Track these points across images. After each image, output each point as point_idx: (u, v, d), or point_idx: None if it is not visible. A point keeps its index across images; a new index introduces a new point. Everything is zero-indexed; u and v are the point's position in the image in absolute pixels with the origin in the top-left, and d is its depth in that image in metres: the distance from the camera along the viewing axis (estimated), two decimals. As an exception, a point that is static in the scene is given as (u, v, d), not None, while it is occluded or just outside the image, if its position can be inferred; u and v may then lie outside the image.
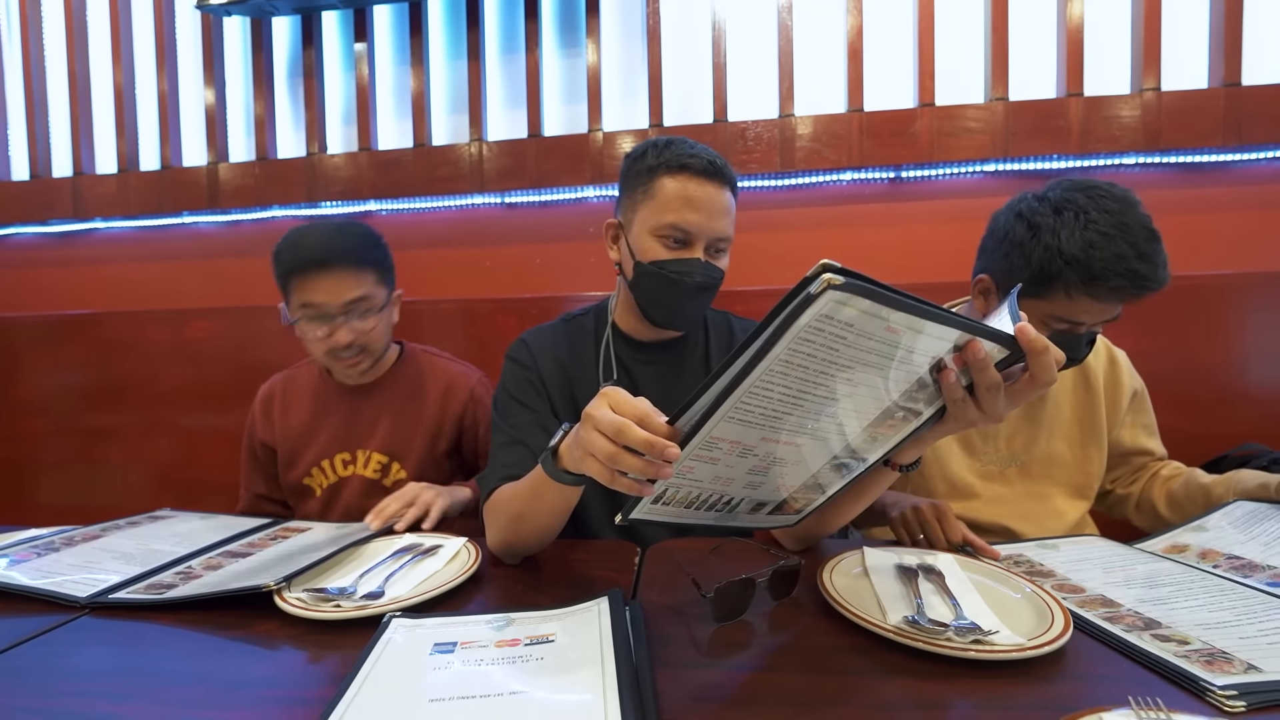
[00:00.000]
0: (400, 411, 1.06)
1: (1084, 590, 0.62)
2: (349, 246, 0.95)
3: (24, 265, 1.76)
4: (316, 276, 0.93)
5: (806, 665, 0.50)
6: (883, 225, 1.41)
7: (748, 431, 0.45)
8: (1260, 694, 0.44)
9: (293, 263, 0.94)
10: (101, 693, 0.49)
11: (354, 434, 1.05)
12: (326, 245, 0.93)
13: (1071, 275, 0.75)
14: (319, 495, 1.06)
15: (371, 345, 0.99)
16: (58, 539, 0.80)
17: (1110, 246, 0.73)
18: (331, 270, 0.93)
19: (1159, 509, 0.93)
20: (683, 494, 0.50)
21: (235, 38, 1.63)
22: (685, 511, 0.53)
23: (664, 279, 0.79)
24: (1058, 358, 0.49)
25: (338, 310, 0.93)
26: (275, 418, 1.09)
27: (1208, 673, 0.46)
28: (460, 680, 0.46)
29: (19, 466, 1.68)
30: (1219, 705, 0.42)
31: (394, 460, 1.05)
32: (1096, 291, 0.75)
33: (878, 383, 0.45)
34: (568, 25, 1.51)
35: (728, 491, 0.52)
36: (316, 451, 1.06)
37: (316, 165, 1.55)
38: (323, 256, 0.93)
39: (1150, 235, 0.74)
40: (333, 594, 0.61)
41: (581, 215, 1.50)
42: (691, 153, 0.78)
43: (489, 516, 0.74)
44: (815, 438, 0.49)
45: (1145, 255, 0.73)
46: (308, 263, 0.93)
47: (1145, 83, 1.27)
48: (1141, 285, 0.74)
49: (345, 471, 1.05)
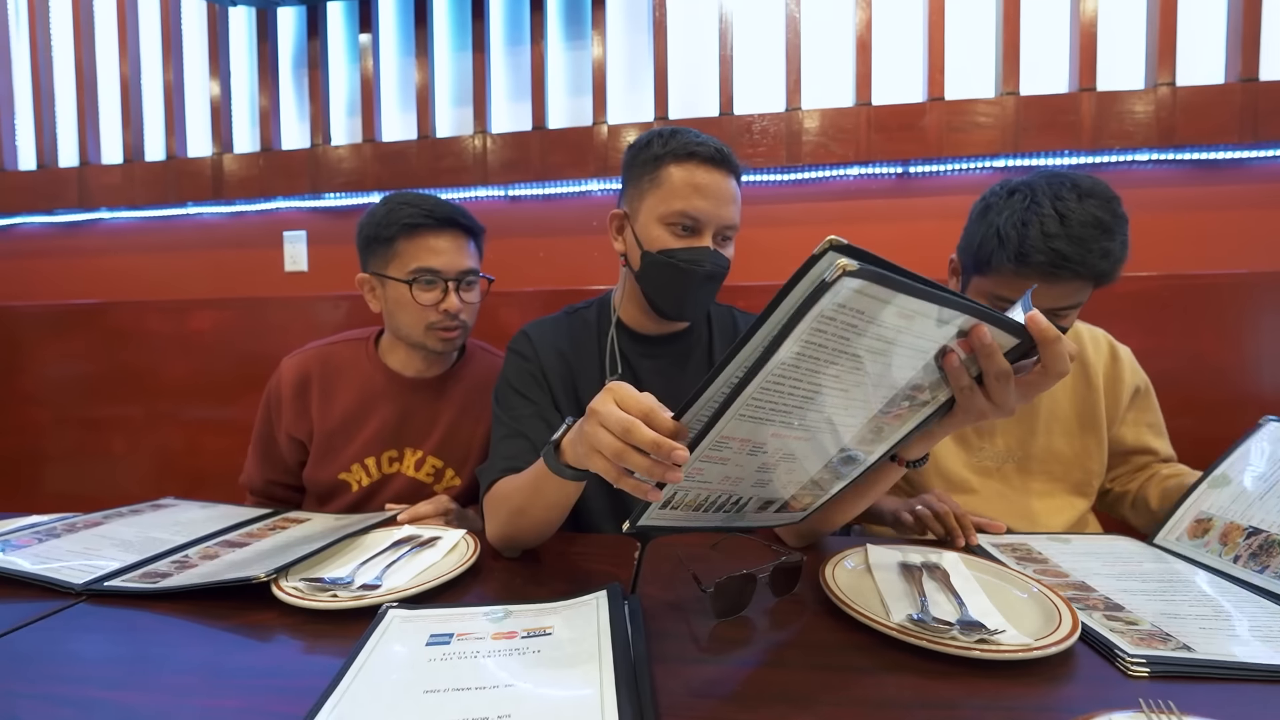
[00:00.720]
0: (461, 412, 0.99)
1: (1067, 576, 0.63)
2: (468, 217, 0.94)
3: (30, 255, 1.77)
4: (437, 237, 0.90)
5: (807, 662, 0.49)
6: (890, 221, 1.39)
7: (758, 428, 0.44)
8: (1168, 665, 0.46)
9: (417, 218, 0.89)
10: (97, 679, 0.49)
11: (406, 431, 0.97)
12: (451, 209, 0.92)
13: (1001, 253, 0.76)
14: (354, 492, 0.97)
15: (470, 321, 0.96)
16: (59, 525, 0.80)
17: (1040, 226, 0.73)
18: (454, 235, 0.92)
19: (1151, 505, 0.92)
20: (691, 497, 0.49)
21: (241, 29, 1.63)
22: (694, 515, 0.52)
23: (673, 268, 0.78)
24: (1071, 351, 0.48)
25: (454, 276, 0.91)
26: (313, 406, 0.98)
27: (1134, 646, 0.48)
28: (456, 672, 0.46)
29: (23, 456, 1.69)
30: (1124, 670, 0.46)
31: (449, 465, 0.98)
32: (1022, 270, 0.75)
33: (886, 370, 0.44)
34: (573, 17, 1.50)
35: (736, 491, 0.51)
36: (361, 446, 0.97)
37: (320, 157, 1.55)
38: (450, 216, 0.91)
39: (1097, 224, 0.73)
40: (330, 584, 0.60)
41: (586, 209, 1.49)
42: (698, 141, 0.78)
43: (489, 509, 0.74)
44: (824, 431, 0.48)
45: (1078, 239, 0.72)
46: (437, 221, 0.90)
47: (1160, 78, 1.24)
48: (1062, 265, 0.73)
49: (390, 469, 0.98)
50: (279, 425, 1.00)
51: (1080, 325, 0.95)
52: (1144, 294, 1.22)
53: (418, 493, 0.97)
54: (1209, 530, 0.69)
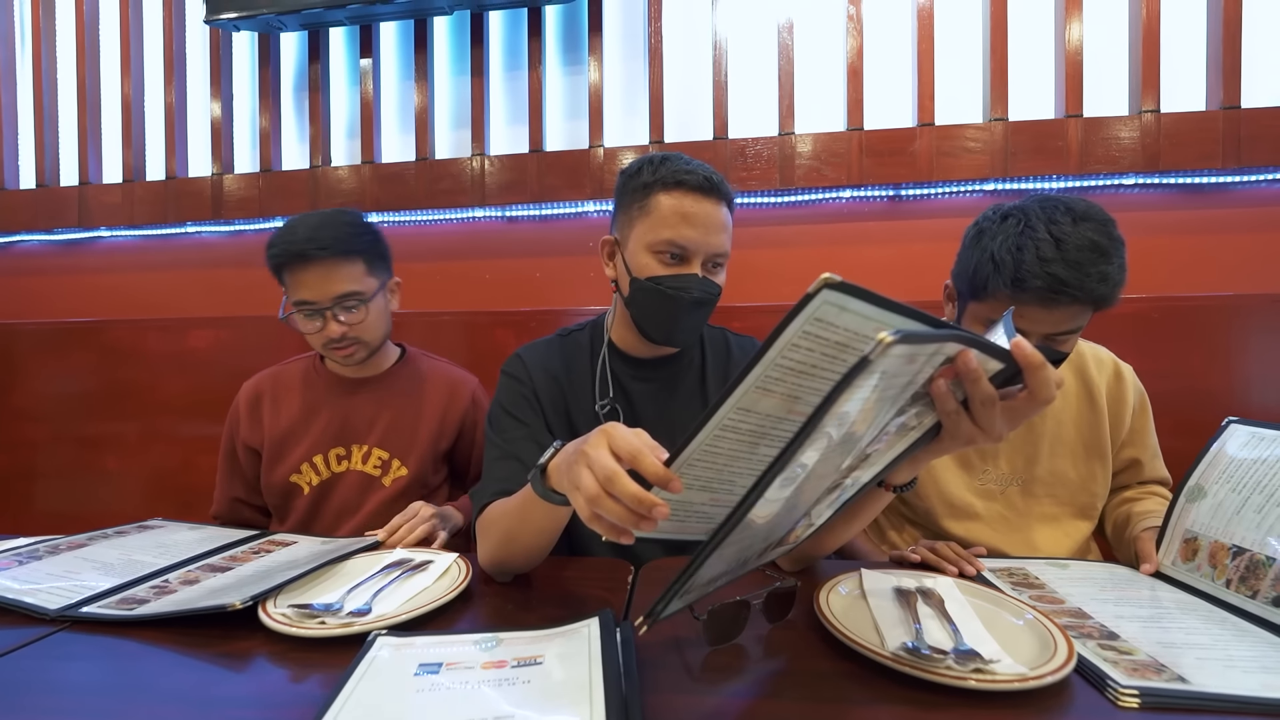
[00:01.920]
0: (402, 408, 1.04)
1: (1063, 603, 0.63)
2: (334, 237, 0.92)
3: (29, 273, 1.77)
4: (304, 269, 0.92)
5: (801, 693, 0.49)
6: (882, 243, 1.41)
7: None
8: (1161, 697, 0.45)
9: (280, 256, 0.93)
10: (77, 710, 0.48)
11: (350, 429, 1.02)
12: (311, 237, 0.91)
13: (997, 278, 0.75)
14: (306, 494, 1.02)
15: (365, 337, 0.97)
16: (42, 547, 0.79)
17: (1036, 250, 0.72)
18: (318, 263, 0.92)
19: (1106, 532, 0.94)
20: (708, 577, 0.48)
21: (244, 52, 1.66)
22: (707, 587, 0.51)
23: (661, 295, 0.78)
24: (1057, 379, 0.48)
25: (328, 303, 0.93)
26: (264, 417, 1.05)
27: (1128, 677, 0.47)
28: (445, 702, 0.45)
29: (17, 474, 1.67)
30: (1114, 700, 0.46)
31: (395, 456, 1.02)
32: (1019, 296, 0.74)
33: (872, 397, 0.44)
34: (570, 43, 1.53)
35: (746, 555, 0.51)
36: (307, 447, 1.02)
37: (320, 177, 1.56)
38: (307, 249, 0.91)
39: (1093, 248, 0.72)
40: (318, 610, 0.59)
41: (582, 230, 1.51)
42: (687, 169, 0.78)
43: (481, 533, 0.73)
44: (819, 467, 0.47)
45: (1075, 263, 0.71)
46: (294, 255, 0.92)
47: (1144, 104, 1.27)
48: (1060, 289, 0.71)
49: (339, 468, 1.02)
50: (238, 440, 1.07)
51: (1083, 344, 0.94)
52: (1130, 316, 1.23)
53: (368, 486, 1.01)
54: (1198, 551, 0.68)
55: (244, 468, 1.07)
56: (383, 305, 1.00)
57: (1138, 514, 0.87)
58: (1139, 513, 0.87)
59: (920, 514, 0.94)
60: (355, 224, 0.97)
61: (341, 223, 0.95)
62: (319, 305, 0.93)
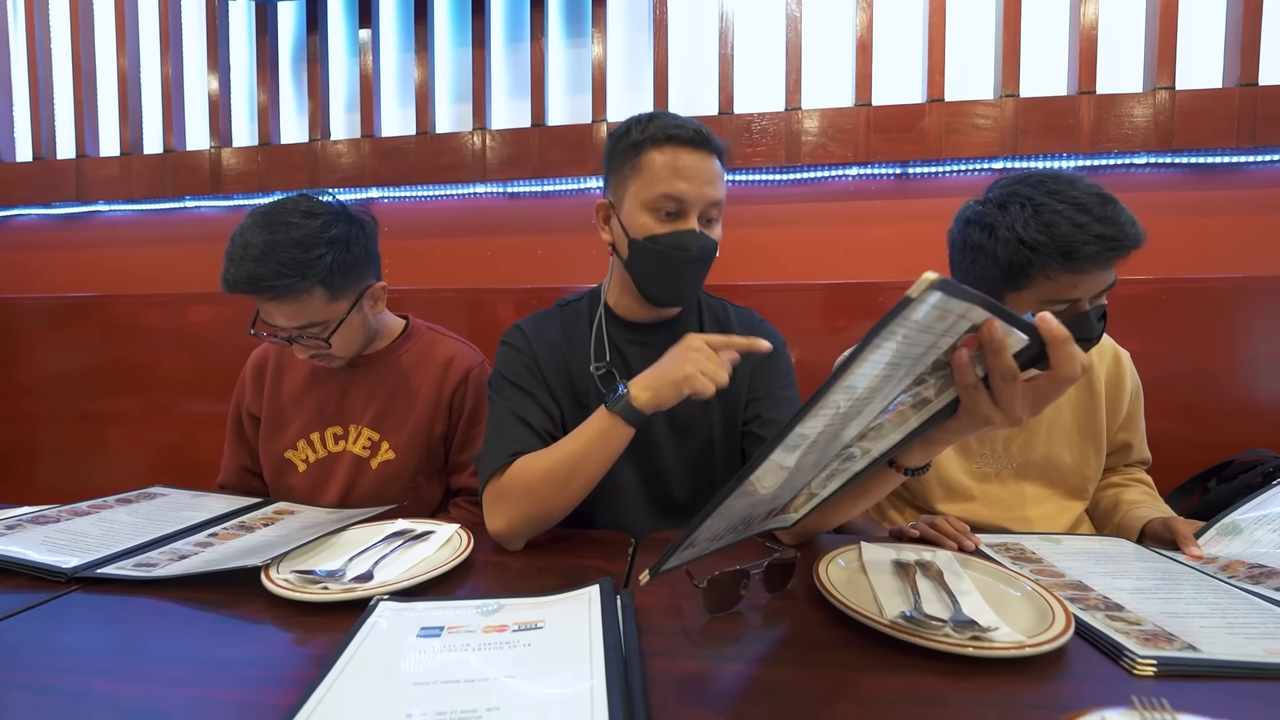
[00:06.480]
0: (395, 388, 1.00)
1: (1063, 576, 0.63)
2: (276, 273, 0.80)
3: (27, 247, 1.76)
4: (264, 304, 0.85)
5: (800, 659, 0.49)
6: (888, 222, 1.39)
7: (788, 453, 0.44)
8: (1177, 665, 0.45)
9: (236, 288, 0.83)
10: (87, 669, 0.48)
11: (347, 408, 0.99)
12: (252, 277, 0.81)
13: (1042, 258, 0.74)
14: (302, 472, 0.99)
15: (338, 353, 0.92)
16: (49, 513, 0.79)
17: (1067, 219, 0.73)
18: (277, 303, 0.84)
19: (1089, 510, 0.95)
20: (714, 530, 0.48)
21: (240, 23, 1.62)
22: (709, 544, 0.51)
23: (659, 254, 0.78)
24: (1084, 360, 0.46)
25: (291, 332, 0.87)
26: (266, 385, 1.02)
27: (1142, 647, 0.47)
28: (445, 664, 0.45)
29: (19, 449, 1.68)
30: (1130, 669, 0.46)
31: (384, 439, 0.98)
32: (1075, 264, 0.74)
33: (886, 360, 0.43)
34: (574, 15, 1.49)
35: (753, 513, 0.51)
36: (304, 423, 0.99)
37: (319, 151, 1.54)
38: (247, 290, 0.82)
39: (1102, 200, 0.74)
40: (321, 576, 0.60)
41: (584, 206, 1.49)
42: (677, 124, 0.77)
43: (504, 495, 0.72)
44: (835, 434, 0.47)
45: (1105, 218, 0.73)
46: (236, 290, 0.83)
47: (1159, 81, 1.25)
48: (1114, 245, 0.72)
49: (336, 447, 0.99)
50: (243, 406, 1.05)
51: None
52: (1140, 298, 1.22)
53: (361, 470, 0.98)
54: (1212, 563, 0.68)
55: (249, 435, 1.05)
56: (357, 322, 0.93)
57: (1127, 501, 0.90)
58: (1129, 500, 0.91)
59: (919, 497, 0.95)
60: (307, 242, 0.82)
61: (287, 247, 0.81)
62: (283, 333, 0.88)
